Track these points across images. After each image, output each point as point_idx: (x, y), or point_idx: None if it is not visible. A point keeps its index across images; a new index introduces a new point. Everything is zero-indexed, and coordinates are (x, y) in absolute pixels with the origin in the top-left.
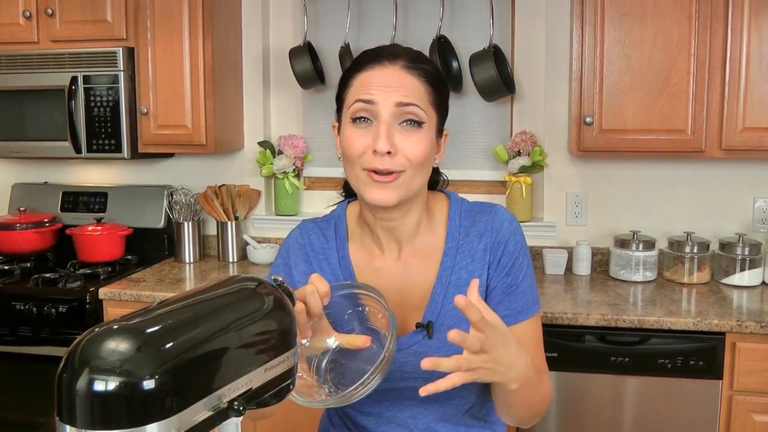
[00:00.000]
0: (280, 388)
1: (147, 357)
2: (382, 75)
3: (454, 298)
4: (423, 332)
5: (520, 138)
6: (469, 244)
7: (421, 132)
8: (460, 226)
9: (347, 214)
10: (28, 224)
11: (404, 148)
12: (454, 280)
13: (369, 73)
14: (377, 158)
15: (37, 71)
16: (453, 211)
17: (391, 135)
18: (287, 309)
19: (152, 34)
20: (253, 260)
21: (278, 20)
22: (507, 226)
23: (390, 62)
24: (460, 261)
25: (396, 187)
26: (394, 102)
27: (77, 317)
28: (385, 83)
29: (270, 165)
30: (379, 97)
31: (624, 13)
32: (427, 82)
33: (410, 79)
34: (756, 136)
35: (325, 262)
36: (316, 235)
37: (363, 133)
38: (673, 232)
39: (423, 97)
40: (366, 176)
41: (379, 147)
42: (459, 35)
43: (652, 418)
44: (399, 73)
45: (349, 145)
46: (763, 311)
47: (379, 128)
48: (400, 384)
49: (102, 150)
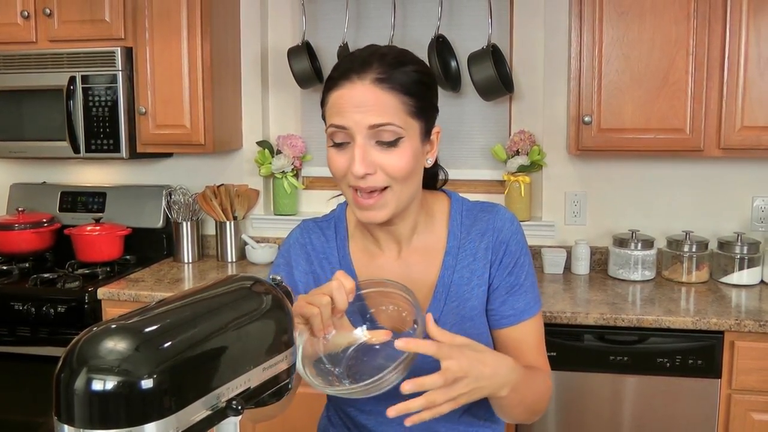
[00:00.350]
0: (278, 387)
1: (145, 356)
2: (352, 95)
3: (402, 385)
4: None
5: (519, 137)
6: (471, 243)
7: (401, 147)
8: (462, 225)
9: (347, 213)
10: (26, 224)
11: (384, 164)
12: (456, 279)
13: (340, 93)
14: (358, 179)
15: (36, 71)
16: (454, 210)
17: (366, 156)
18: (285, 308)
19: (150, 34)
20: (252, 260)
21: (277, 20)
22: (509, 225)
23: (359, 78)
24: (462, 260)
25: (383, 206)
26: (366, 125)
27: (76, 317)
28: (356, 103)
29: (269, 165)
30: (351, 121)
31: (622, 12)
32: (402, 93)
33: (383, 96)
34: (754, 135)
35: (326, 261)
36: (316, 235)
37: (342, 153)
38: (672, 231)
39: (399, 110)
40: (352, 195)
41: (355, 171)
42: (457, 35)
43: (651, 417)
44: (370, 91)
45: (331, 165)
46: (761, 310)
47: (354, 151)
48: (400, 383)
49: (100, 150)
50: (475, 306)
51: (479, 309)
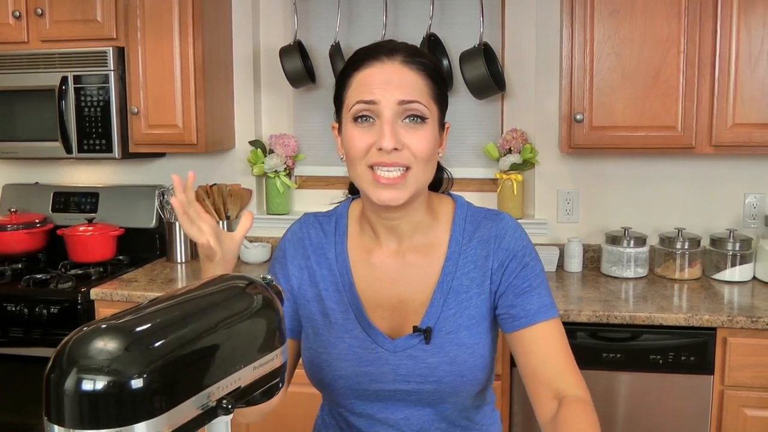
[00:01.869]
0: (269, 386)
1: (135, 356)
2: (382, 72)
3: None
4: (420, 336)
5: (511, 135)
6: (472, 251)
7: (425, 127)
8: (464, 231)
9: (349, 211)
10: (19, 225)
11: (409, 144)
12: (455, 285)
13: (368, 72)
14: (383, 154)
15: (27, 71)
16: (458, 215)
17: (395, 132)
18: (276, 307)
19: (142, 34)
20: (245, 259)
21: (268, 19)
22: (511, 233)
23: (388, 58)
24: (462, 267)
25: (404, 187)
26: (396, 100)
27: (69, 318)
28: (385, 80)
29: (261, 164)
30: (380, 96)
31: (613, 10)
32: (426, 76)
33: (410, 75)
34: (745, 132)
35: (322, 256)
36: (315, 230)
37: (366, 131)
38: (664, 228)
39: (424, 92)
40: (371, 177)
41: (385, 145)
42: (449, 33)
43: (644, 414)
44: (398, 69)
45: (351, 144)
46: (753, 306)
47: (383, 127)
48: (393, 386)
49: (93, 150)
50: (473, 315)
51: (477, 318)
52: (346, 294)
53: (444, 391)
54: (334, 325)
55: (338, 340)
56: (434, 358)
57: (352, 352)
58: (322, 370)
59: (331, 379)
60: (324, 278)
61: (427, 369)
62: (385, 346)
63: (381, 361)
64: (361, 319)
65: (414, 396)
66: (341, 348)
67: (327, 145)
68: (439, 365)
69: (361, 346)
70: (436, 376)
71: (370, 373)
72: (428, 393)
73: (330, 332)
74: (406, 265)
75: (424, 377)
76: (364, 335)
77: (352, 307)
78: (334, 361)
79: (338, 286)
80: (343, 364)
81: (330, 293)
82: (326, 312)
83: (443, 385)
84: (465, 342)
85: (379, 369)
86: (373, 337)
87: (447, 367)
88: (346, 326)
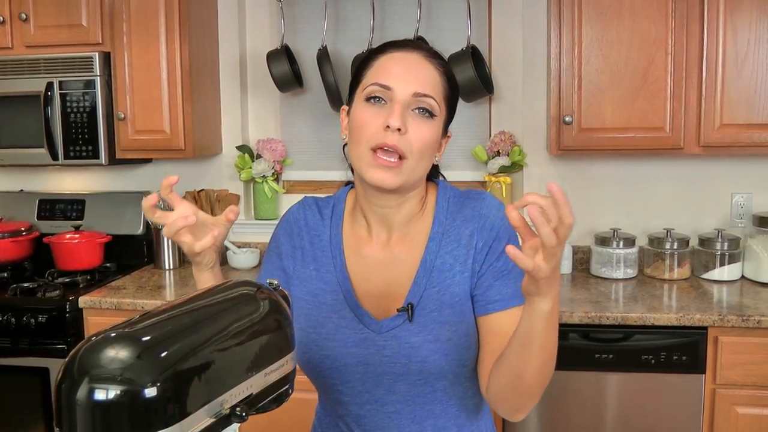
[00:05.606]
0: (279, 393)
1: (148, 364)
2: (403, 59)
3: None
4: (404, 316)
5: (499, 138)
6: (456, 229)
7: (431, 123)
8: (448, 212)
9: (347, 197)
10: (4, 233)
11: (412, 132)
12: (438, 264)
13: (390, 56)
14: (388, 134)
15: (12, 77)
16: (441, 197)
17: (404, 115)
18: (284, 312)
19: (128, 39)
20: (234, 265)
21: (255, 24)
22: (495, 212)
23: (414, 50)
24: (445, 246)
25: (398, 173)
26: (411, 92)
27: (57, 327)
28: (405, 67)
29: (249, 169)
30: (396, 84)
31: (601, 12)
32: (443, 75)
33: (430, 69)
34: (733, 132)
35: (317, 238)
36: (312, 212)
37: (376, 112)
38: (653, 228)
39: (438, 90)
40: (371, 157)
41: (392, 122)
42: (436, 36)
43: (636, 414)
44: (420, 61)
45: (359, 123)
46: (743, 305)
47: (394, 107)
48: (380, 368)
49: (79, 156)
50: (456, 293)
51: (461, 296)
52: (337, 274)
53: (430, 372)
54: (323, 305)
55: (326, 319)
56: (417, 337)
57: (340, 332)
58: (309, 350)
59: (318, 359)
60: (316, 258)
61: (411, 349)
62: (371, 327)
63: (367, 342)
64: (350, 300)
65: (401, 382)
66: (329, 327)
67: (315, 149)
68: (423, 344)
69: (349, 326)
70: (420, 356)
71: (357, 354)
72: (414, 375)
73: (319, 312)
74: (394, 256)
75: (408, 357)
76: (351, 315)
77: (341, 287)
78: (321, 341)
79: (330, 266)
80: (331, 344)
81: (321, 273)
82: (316, 292)
83: (428, 365)
84: (448, 320)
85: (365, 350)
86: (360, 318)
87: (431, 345)
88: (334, 306)
